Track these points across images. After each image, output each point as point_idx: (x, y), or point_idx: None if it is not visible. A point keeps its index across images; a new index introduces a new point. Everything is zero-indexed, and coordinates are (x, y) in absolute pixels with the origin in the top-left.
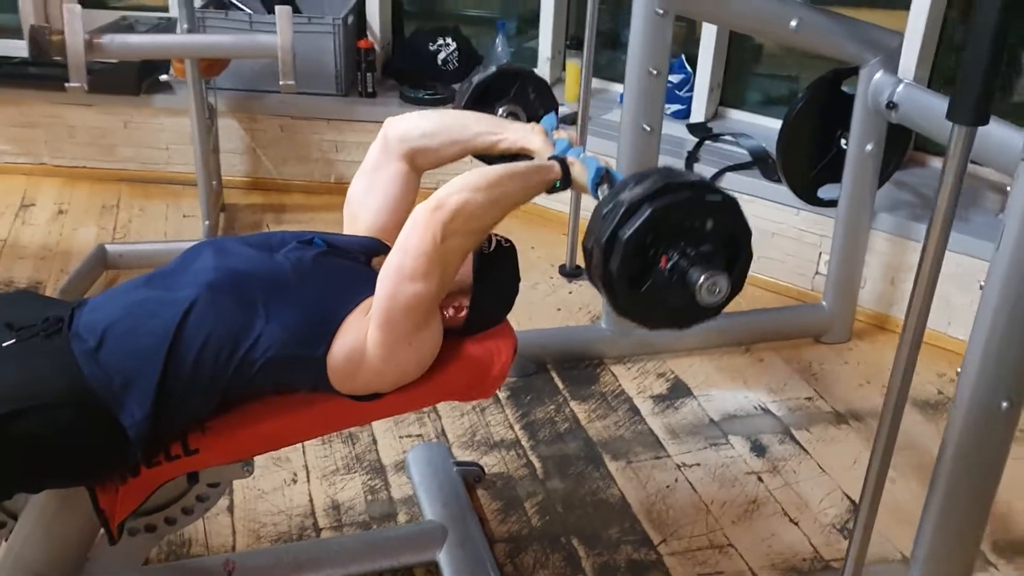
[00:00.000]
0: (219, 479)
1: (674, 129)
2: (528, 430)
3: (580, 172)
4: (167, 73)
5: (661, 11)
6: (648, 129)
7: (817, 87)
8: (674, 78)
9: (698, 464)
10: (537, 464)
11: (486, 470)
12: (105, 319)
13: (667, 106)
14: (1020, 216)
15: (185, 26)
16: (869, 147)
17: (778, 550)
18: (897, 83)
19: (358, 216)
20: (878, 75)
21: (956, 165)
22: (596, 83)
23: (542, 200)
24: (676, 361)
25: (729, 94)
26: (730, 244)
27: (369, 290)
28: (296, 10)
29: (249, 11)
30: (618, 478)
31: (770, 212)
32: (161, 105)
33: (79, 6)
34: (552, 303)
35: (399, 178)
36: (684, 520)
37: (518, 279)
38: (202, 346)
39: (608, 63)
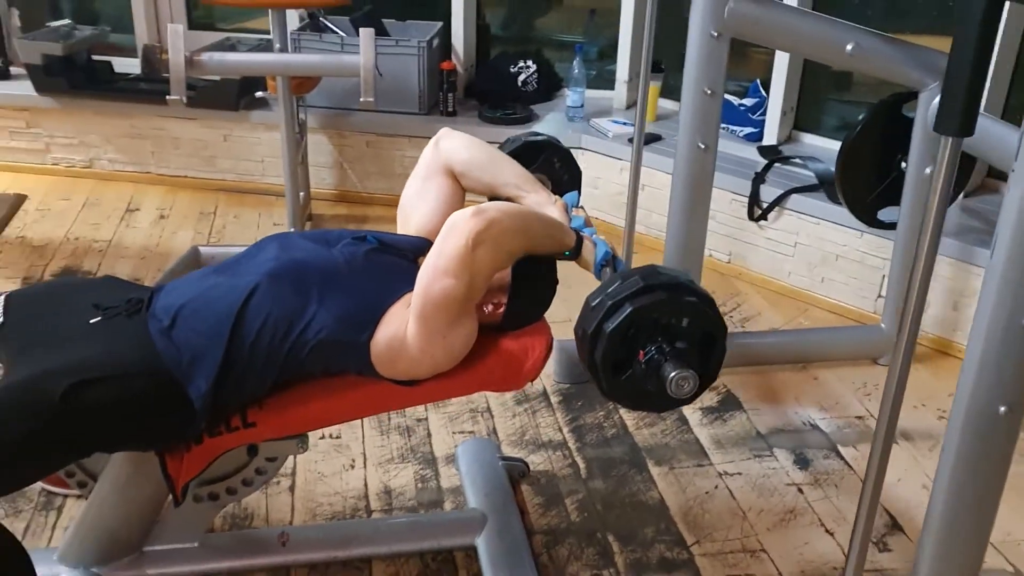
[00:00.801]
0: (276, 454)
1: (745, 151)
2: (576, 433)
3: (590, 250)
4: (263, 90)
5: (716, 34)
6: (703, 147)
7: (878, 110)
8: (748, 101)
9: (740, 473)
10: (581, 465)
11: (532, 467)
12: (178, 301)
13: (740, 129)
14: (1013, 223)
15: (278, 46)
16: (928, 170)
17: (809, 558)
18: None
19: (410, 218)
20: (937, 99)
21: (944, 174)
22: (670, 104)
23: (598, 213)
24: (730, 376)
25: (803, 118)
26: (705, 340)
27: (412, 285)
28: (384, 33)
29: (342, 33)
30: (659, 482)
31: (834, 234)
32: (258, 120)
33: (181, 26)
34: None
35: (448, 187)
36: (720, 524)
37: (555, 283)
38: (261, 327)
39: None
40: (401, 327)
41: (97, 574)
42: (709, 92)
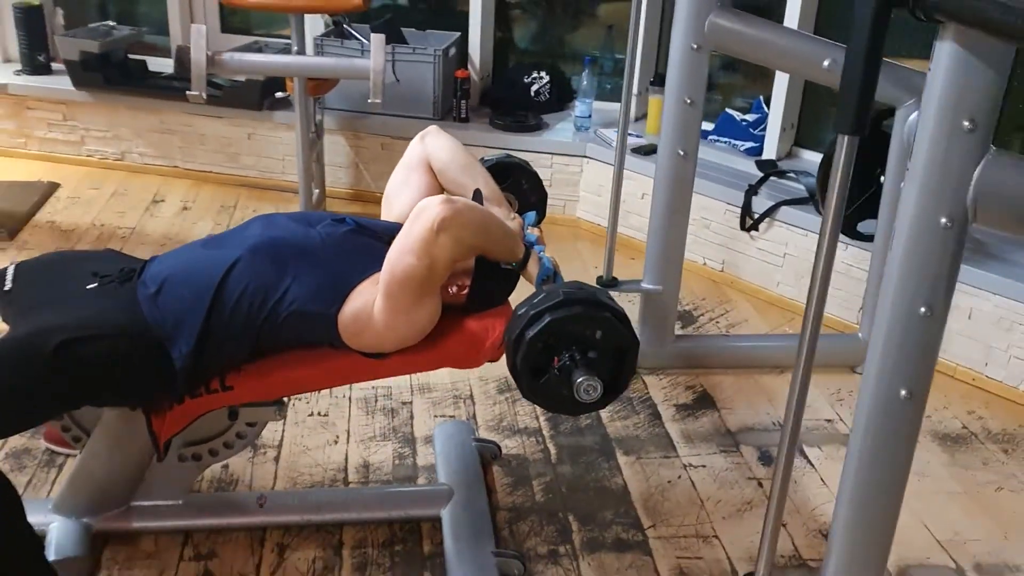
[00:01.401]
0: (255, 420)
1: (744, 165)
2: (551, 422)
3: (534, 265)
4: (283, 91)
5: (695, 47)
6: (683, 153)
7: None
8: (750, 117)
9: (704, 466)
10: (553, 451)
11: (504, 451)
12: (165, 271)
13: (740, 143)
14: (910, 217)
15: (295, 49)
16: (904, 184)
17: (759, 545)
18: None
19: (393, 204)
20: (913, 116)
21: (842, 169)
22: None
23: (581, 214)
24: (708, 377)
25: (804, 135)
26: (616, 352)
27: (381, 265)
28: (403, 42)
29: (364, 40)
30: (625, 470)
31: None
32: (280, 120)
33: (204, 27)
34: None
35: (429, 180)
36: (677, 511)
37: (516, 273)
38: (239, 297)
39: None
40: (368, 302)
41: (88, 524)
42: (689, 102)
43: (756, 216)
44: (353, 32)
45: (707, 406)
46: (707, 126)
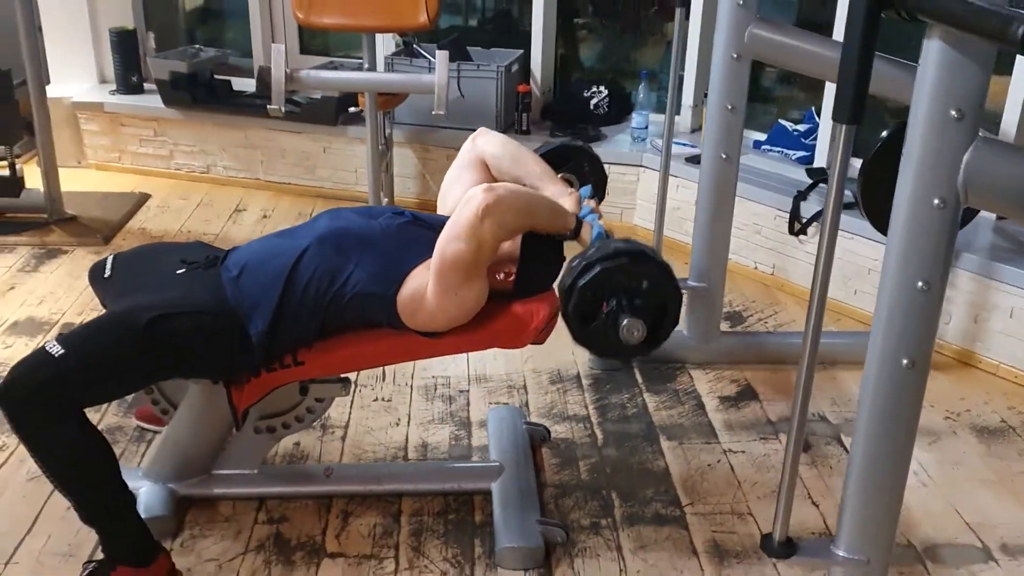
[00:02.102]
0: (323, 396)
1: (795, 173)
2: (600, 410)
3: (587, 233)
4: (356, 106)
5: (736, 56)
6: (725, 157)
7: (896, 131)
8: (802, 127)
9: (743, 452)
10: (600, 436)
11: (553, 435)
12: (245, 257)
13: (792, 152)
14: (908, 197)
15: (366, 66)
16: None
17: (792, 523)
18: None
19: (446, 200)
20: None
21: (841, 157)
22: None
23: (638, 221)
24: (753, 371)
25: (855, 144)
26: (660, 302)
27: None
28: (467, 58)
29: (431, 58)
30: (667, 454)
31: (867, 249)
32: (354, 135)
33: (283, 46)
34: None
35: (480, 176)
36: (715, 491)
37: (561, 258)
38: (308, 280)
39: (749, 114)
40: (422, 284)
41: (173, 489)
42: (731, 108)
43: (804, 221)
44: (421, 51)
45: (750, 398)
46: (760, 136)
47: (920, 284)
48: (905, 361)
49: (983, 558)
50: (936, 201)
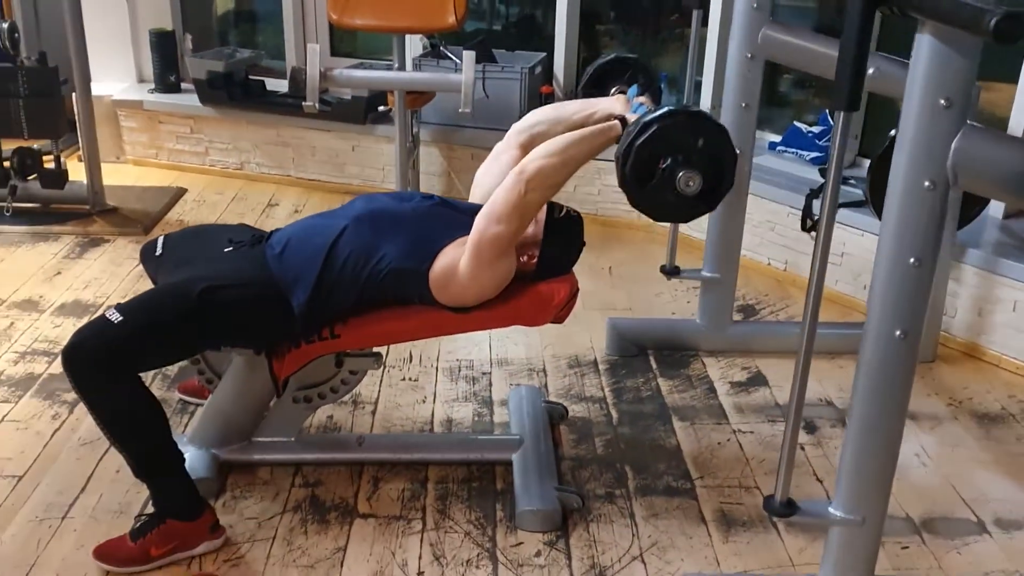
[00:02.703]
0: (357, 368)
1: (808, 173)
2: (616, 392)
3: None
4: (384, 105)
5: (750, 55)
6: (739, 152)
7: None
8: (816, 128)
9: (752, 432)
10: (615, 415)
11: (571, 414)
12: (288, 235)
13: (806, 153)
14: (901, 178)
15: (395, 65)
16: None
17: (796, 496)
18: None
19: (479, 189)
20: None
21: (839, 142)
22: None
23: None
24: (764, 360)
25: (868, 144)
26: (716, 158)
27: (464, 232)
28: (492, 60)
29: (457, 60)
30: (679, 433)
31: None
32: (382, 134)
33: (317, 46)
34: (653, 297)
35: (511, 164)
36: (724, 467)
37: (581, 242)
38: (346, 257)
39: (766, 117)
40: (455, 260)
41: (216, 454)
42: (744, 106)
43: (816, 218)
44: (448, 53)
45: (760, 383)
46: (776, 138)
47: (912, 260)
48: (898, 332)
49: (977, 531)
50: (927, 183)
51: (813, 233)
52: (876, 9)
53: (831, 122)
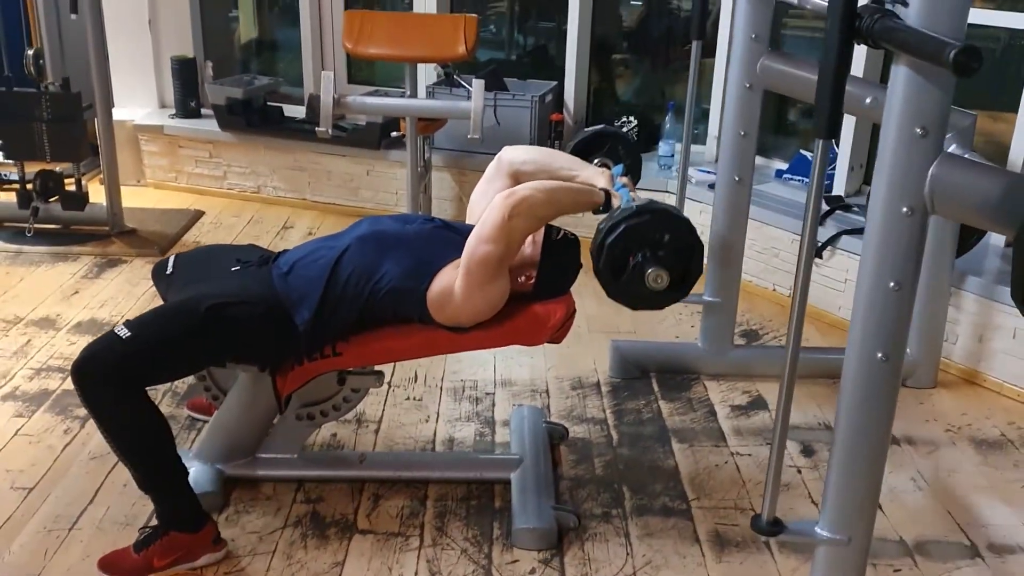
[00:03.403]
0: (359, 387)
1: None
2: (616, 414)
3: (616, 203)
4: (397, 131)
5: (748, 85)
6: (738, 179)
7: None
8: None
9: (750, 454)
10: (615, 437)
11: (572, 435)
12: (294, 256)
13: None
14: (880, 207)
15: (407, 93)
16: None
17: (790, 518)
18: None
19: (474, 211)
20: (951, 148)
21: (818, 168)
22: (757, 160)
23: None
24: (765, 384)
25: (872, 173)
26: (683, 251)
27: (461, 253)
28: (504, 88)
29: (470, 88)
30: (678, 455)
31: None
32: (395, 159)
33: (331, 73)
34: (657, 321)
35: (505, 185)
36: (720, 488)
37: (578, 264)
38: (348, 276)
39: (772, 145)
40: (451, 280)
41: (220, 469)
42: (743, 134)
43: (820, 244)
44: (461, 81)
45: (759, 407)
46: (783, 166)
47: (892, 284)
48: (880, 355)
49: (970, 555)
50: (905, 209)
51: (818, 260)
52: (853, 40)
53: (836, 150)
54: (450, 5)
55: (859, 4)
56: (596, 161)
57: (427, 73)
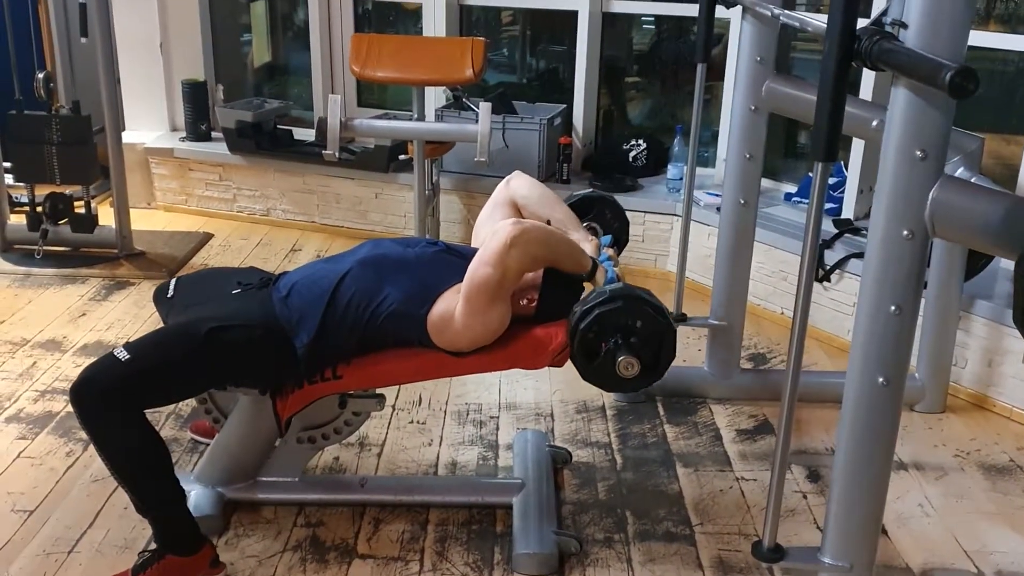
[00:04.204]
0: (360, 410)
1: (823, 223)
2: (621, 438)
3: (601, 276)
4: (406, 154)
5: (753, 108)
6: (743, 202)
7: None
8: (831, 180)
9: (755, 480)
10: (619, 461)
11: (575, 459)
12: (294, 279)
13: None
14: (880, 235)
15: (415, 116)
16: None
17: (795, 543)
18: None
19: (478, 234)
20: (959, 172)
21: (818, 191)
22: (765, 183)
23: (671, 267)
24: (772, 408)
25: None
26: (654, 336)
27: (463, 278)
28: (512, 111)
29: (477, 111)
30: (682, 479)
31: None
32: (404, 182)
33: (339, 96)
34: None
35: (510, 213)
36: (724, 514)
37: (580, 288)
38: (349, 299)
39: (782, 168)
40: (452, 304)
41: (221, 492)
42: (748, 156)
43: (828, 268)
44: (470, 104)
45: (766, 432)
46: (792, 189)
47: (892, 308)
48: (881, 379)
49: None
50: (905, 232)
51: (826, 283)
52: (850, 62)
53: (845, 173)
54: (460, 29)
55: (858, 26)
56: (584, 225)
57: (436, 96)
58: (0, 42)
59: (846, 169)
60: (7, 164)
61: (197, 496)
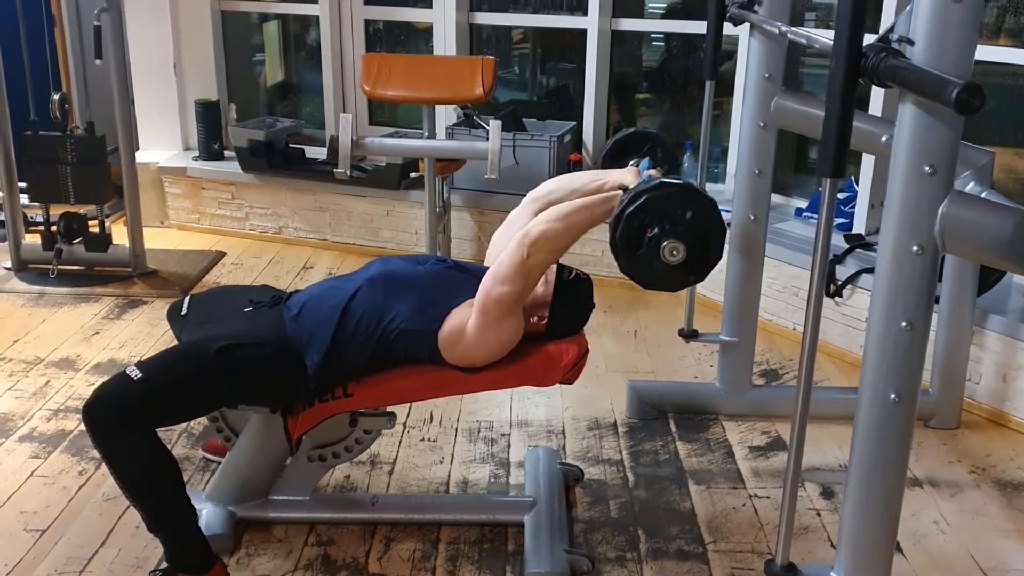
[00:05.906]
0: (371, 428)
1: (834, 239)
2: (633, 455)
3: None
4: (417, 172)
5: (762, 124)
6: (753, 218)
7: None
8: (841, 195)
9: (768, 497)
10: (631, 478)
11: (587, 476)
12: (305, 297)
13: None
14: (890, 249)
15: (426, 134)
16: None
17: (809, 562)
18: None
19: (492, 252)
20: (970, 186)
21: (827, 207)
22: (776, 198)
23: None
24: (784, 424)
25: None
26: (703, 230)
27: (474, 294)
28: (523, 129)
29: (487, 128)
30: (695, 497)
31: None
32: (415, 199)
33: (350, 116)
34: (676, 361)
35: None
36: (738, 532)
37: (590, 304)
38: (359, 317)
39: (793, 184)
40: (463, 321)
41: (232, 511)
42: (758, 172)
43: (839, 283)
44: (481, 122)
45: (779, 448)
46: (803, 204)
47: (904, 324)
48: (893, 395)
49: None
50: (915, 248)
51: (838, 298)
52: (857, 79)
53: (856, 188)
54: (470, 47)
55: (865, 43)
56: (632, 163)
57: (447, 114)
58: (16, 63)
59: (857, 184)
60: (23, 184)
61: (208, 515)
